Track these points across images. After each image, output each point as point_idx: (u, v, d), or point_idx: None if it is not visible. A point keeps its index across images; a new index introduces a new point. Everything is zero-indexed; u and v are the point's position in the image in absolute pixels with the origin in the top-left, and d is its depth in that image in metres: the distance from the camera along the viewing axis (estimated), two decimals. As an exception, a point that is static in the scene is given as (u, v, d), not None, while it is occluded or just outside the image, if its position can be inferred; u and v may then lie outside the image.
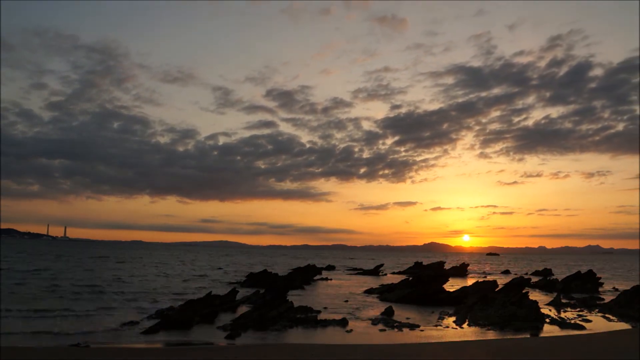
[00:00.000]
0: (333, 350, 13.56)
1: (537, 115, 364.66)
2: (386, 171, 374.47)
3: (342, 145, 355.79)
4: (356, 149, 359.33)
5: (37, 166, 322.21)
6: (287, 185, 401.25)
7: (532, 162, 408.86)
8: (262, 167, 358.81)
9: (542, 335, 17.22)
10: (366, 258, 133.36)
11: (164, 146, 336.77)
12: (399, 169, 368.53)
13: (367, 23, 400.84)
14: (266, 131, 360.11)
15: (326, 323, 18.27)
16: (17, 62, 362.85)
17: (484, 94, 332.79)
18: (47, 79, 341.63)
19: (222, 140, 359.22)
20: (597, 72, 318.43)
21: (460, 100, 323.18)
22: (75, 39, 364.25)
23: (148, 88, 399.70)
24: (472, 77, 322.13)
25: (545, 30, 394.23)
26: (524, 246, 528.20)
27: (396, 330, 17.54)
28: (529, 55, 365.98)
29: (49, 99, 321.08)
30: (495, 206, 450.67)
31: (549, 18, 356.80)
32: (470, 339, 16.17)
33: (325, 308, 23.08)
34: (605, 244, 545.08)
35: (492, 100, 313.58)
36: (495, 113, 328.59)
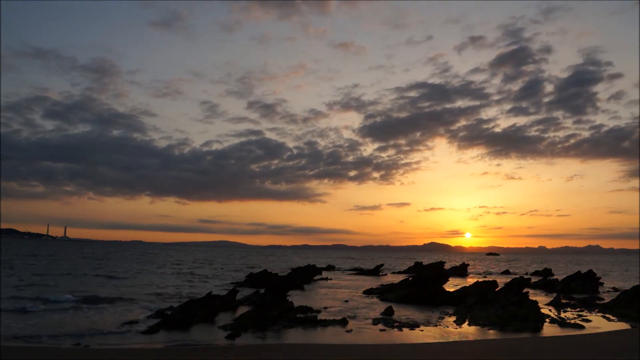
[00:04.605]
0: (333, 350, 13.56)
1: (504, 124, 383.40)
2: (375, 174, 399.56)
3: (327, 151, 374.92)
4: (342, 154, 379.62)
5: (42, 169, 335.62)
6: (283, 187, 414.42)
7: (510, 166, 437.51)
8: (257, 170, 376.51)
9: (542, 335, 17.22)
10: (366, 258, 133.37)
11: (161, 151, 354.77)
12: (387, 172, 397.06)
13: (330, 48, 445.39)
14: (254, 138, 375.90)
15: (326, 323, 18.26)
16: (20, 81, 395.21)
17: (448, 105, 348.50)
18: (49, 94, 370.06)
19: (215, 147, 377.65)
20: (549, 87, 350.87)
21: (427, 110, 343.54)
22: (73, 60, 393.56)
23: (142, 102, 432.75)
24: (434, 91, 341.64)
25: (490, 51, 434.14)
26: (524, 246, 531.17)
27: (396, 330, 17.54)
28: (482, 73, 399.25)
29: (51, 108, 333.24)
30: (487, 207, 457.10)
31: (490, 40, 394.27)
32: (470, 339, 16.17)
33: (325, 308, 23.07)
34: (605, 244, 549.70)
35: (457, 111, 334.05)
36: (463, 122, 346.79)
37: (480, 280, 30.90)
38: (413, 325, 18.34)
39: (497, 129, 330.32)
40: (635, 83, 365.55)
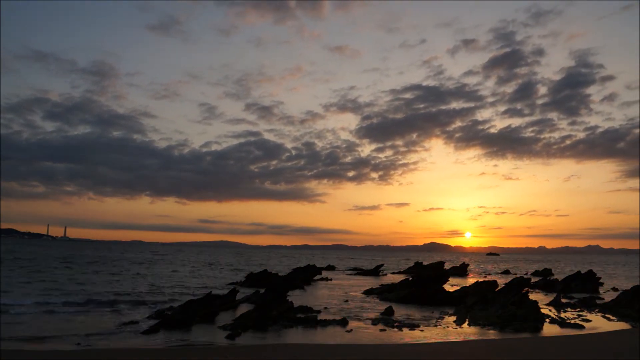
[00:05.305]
0: (333, 350, 13.57)
1: (499, 125, 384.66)
2: (373, 174, 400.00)
3: (325, 152, 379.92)
4: (340, 154, 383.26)
5: (42, 169, 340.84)
6: (282, 187, 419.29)
7: (506, 166, 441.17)
8: (256, 170, 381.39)
9: (542, 335, 17.22)
10: (366, 258, 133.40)
11: (161, 152, 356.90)
12: (385, 172, 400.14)
13: (325, 51, 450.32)
14: (252, 139, 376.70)
15: (326, 323, 18.26)
16: (20, 84, 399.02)
17: (443, 107, 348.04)
18: (49, 95, 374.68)
19: (214, 147, 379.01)
20: (543, 89, 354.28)
21: (422, 111, 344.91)
22: (73, 63, 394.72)
23: (141, 104, 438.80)
24: (429, 93, 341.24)
25: (483, 54, 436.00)
26: (523, 246, 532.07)
27: (396, 330, 17.54)
28: (476, 75, 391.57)
29: (51, 110, 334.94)
30: (485, 207, 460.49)
31: (482, 43, 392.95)
32: (470, 339, 16.17)
33: (325, 308, 23.07)
34: (605, 244, 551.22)
35: (452, 112, 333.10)
36: (458, 123, 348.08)
37: (480, 280, 30.91)
38: (413, 325, 18.34)
39: (493, 130, 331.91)
40: (627, 85, 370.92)
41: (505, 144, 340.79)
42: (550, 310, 23.57)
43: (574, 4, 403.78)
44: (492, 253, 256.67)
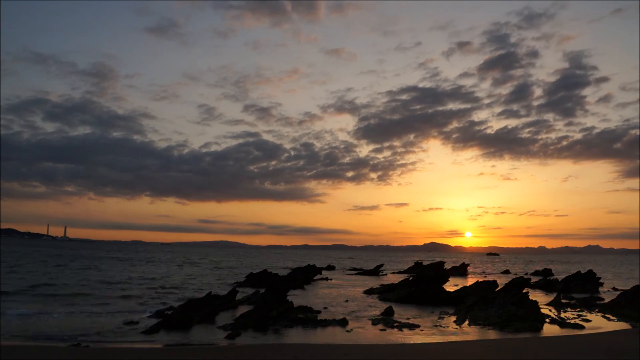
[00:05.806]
0: (333, 350, 13.56)
1: (496, 126, 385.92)
2: (372, 175, 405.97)
3: (324, 152, 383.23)
4: (339, 155, 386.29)
5: (43, 170, 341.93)
6: (282, 187, 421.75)
7: (504, 167, 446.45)
8: (255, 171, 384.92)
9: (542, 335, 17.22)
10: (366, 258, 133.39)
11: (160, 152, 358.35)
12: (384, 173, 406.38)
13: (322, 54, 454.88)
14: (251, 140, 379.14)
15: (326, 323, 18.27)
16: (21, 85, 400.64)
17: (440, 108, 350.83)
18: (50, 96, 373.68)
19: (213, 148, 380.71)
20: (538, 90, 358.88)
21: (419, 112, 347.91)
22: (73, 65, 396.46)
23: (141, 105, 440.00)
24: (425, 94, 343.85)
25: (478, 56, 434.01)
26: (523, 246, 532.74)
27: (396, 330, 17.54)
28: (472, 77, 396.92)
29: (51, 111, 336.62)
30: (485, 207, 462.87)
31: (476, 46, 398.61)
32: (470, 339, 16.17)
33: (325, 308, 23.07)
34: (605, 244, 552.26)
35: (448, 113, 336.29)
36: (455, 124, 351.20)
37: (480, 280, 30.91)
38: (413, 325, 18.34)
39: (490, 131, 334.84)
40: (622, 86, 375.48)
41: (503, 145, 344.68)
42: (550, 310, 23.57)
43: (566, 8, 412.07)
44: (492, 253, 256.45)
